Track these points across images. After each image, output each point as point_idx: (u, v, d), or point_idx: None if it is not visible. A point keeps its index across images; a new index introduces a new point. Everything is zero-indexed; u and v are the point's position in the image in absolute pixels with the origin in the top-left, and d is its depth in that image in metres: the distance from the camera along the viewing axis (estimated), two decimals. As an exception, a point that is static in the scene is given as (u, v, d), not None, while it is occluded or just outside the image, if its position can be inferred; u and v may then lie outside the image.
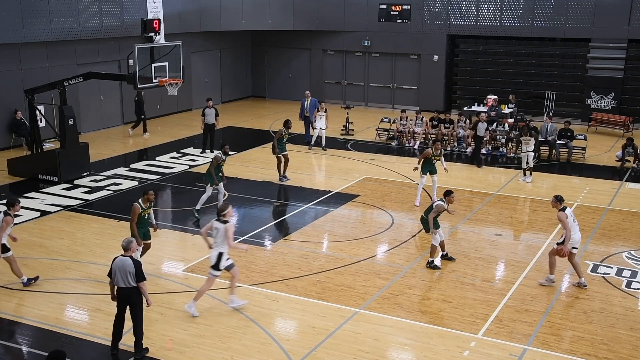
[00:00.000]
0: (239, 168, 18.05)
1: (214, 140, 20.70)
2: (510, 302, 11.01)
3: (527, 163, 18.00)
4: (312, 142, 21.22)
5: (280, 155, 17.55)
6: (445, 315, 10.56)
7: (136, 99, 22.75)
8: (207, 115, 20.40)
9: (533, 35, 26.35)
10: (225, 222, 10.18)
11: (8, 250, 11.06)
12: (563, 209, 11.46)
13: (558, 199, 11.65)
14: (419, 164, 15.84)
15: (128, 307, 9.11)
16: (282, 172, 17.73)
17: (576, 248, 11.55)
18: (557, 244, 11.51)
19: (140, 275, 8.96)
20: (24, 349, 9.50)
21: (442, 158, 15.91)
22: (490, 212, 15.71)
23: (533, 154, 18.13)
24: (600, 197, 16.79)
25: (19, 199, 11.60)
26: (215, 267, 10.25)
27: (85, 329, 10.00)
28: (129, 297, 9.01)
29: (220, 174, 14.61)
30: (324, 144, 21.12)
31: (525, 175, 18.12)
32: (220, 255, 10.21)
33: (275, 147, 17.40)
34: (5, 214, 10.97)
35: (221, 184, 14.69)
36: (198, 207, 14.77)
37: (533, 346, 9.67)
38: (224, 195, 15.21)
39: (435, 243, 12.33)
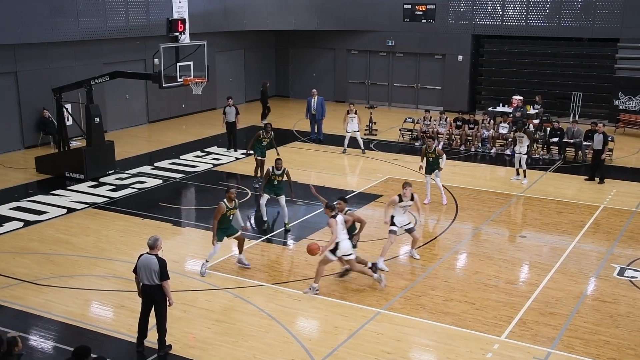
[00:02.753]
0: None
1: (236, 138, 20.84)
2: (534, 305, 10.91)
3: (520, 165, 17.68)
4: (345, 146, 20.92)
5: (259, 159, 16.94)
6: (468, 316, 10.49)
7: (261, 89, 24.30)
8: (228, 114, 20.54)
9: (560, 35, 26.04)
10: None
11: None
12: (334, 216, 10.97)
13: (328, 206, 11.13)
14: (421, 161, 15.85)
15: (152, 305, 9.20)
16: (257, 175, 17.13)
17: (347, 255, 11.15)
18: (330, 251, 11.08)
19: (164, 274, 9.04)
20: (51, 344, 9.64)
21: (444, 156, 15.64)
22: (515, 214, 15.57)
23: (526, 157, 17.76)
24: (628, 199, 16.54)
25: None
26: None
27: (110, 325, 10.12)
28: (153, 294, 9.10)
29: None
30: (362, 146, 20.77)
31: (518, 174, 17.91)
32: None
33: (251, 146, 16.97)
34: None
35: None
36: (286, 220, 14.23)
37: (557, 349, 9.57)
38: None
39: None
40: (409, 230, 12.51)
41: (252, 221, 14.88)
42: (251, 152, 17.11)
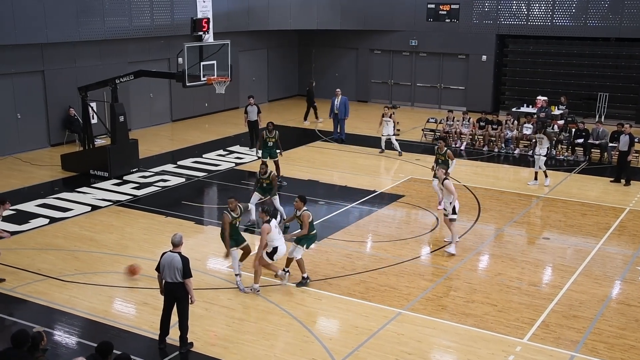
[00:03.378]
0: (284, 167, 18.13)
1: (258, 137, 20.87)
2: (557, 308, 10.79)
3: (540, 167, 17.24)
4: (383, 147, 20.83)
5: (263, 160, 16.46)
6: (490, 318, 10.41)
7: (307, 89, 24.17)
8: (250, 113, 20.61)
9: (586, 35, 25.71)
10: None
11: None
12: (268, 221, 10.79)
13: (264, 211, 10.89)
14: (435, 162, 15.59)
15: (175, 302, 9.27)
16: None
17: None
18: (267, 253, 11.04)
19: (187, 272, 9.10)
20: (75, 339, 9.76)
21: (454, 161, 15.28)
22: (538, 215, 15.42)
23: (544, 158, 17.24)
24: (654, 202, 16.30)
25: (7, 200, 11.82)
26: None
27: (132, 321, 10.21)
28: (176, 291, 9.17)
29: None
30: (398, 148, 20.48)
31: (536, 179, 17.41)
32: None
33: (260, 147, 17.06)
34: None
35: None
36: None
37: (581, 353, 9.46)
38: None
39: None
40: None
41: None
42: (259, 154, 17.12)
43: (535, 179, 17.51)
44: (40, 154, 20.17)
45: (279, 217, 14.32)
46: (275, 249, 11.03)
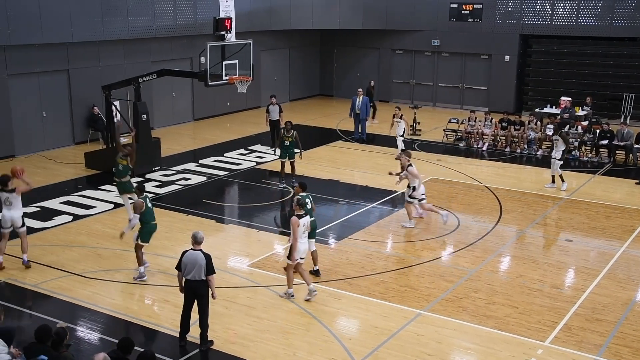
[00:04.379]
0: (305, 166, 18.17)
1: (279, 136, 20.91)
2: (580, 311, 10.66)
3: (555, 171, 16.90)
4: (401, 147, 20.81)
5: (282, 160, 16.89)
6: (511, 320, 10.33)
7: (367, 88, 24.58)
8: (271, 112, 20.66)
9: (612, 35, 25.37)
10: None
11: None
12: (299, 216, 10.54)
13: (299, 203, 10.64)
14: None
15: (195, 300, 9.32)
16: (282, 177, 17.06)
17: (302, 258, 10.80)
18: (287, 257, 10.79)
19: (210, 269, 9.13)
20: (97, 335, 9.87)
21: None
22: (561, 217, 15.25)
23: (560, 162, 16.85)
24: (680, 204, 16.04)
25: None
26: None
27: (153, 318, 10.30)
28: (197, 289, 9.21)
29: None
30: (399, 150, 20.42)
31: (553, 182, 17.16)
32: None
33: (279, 146, 17.07)
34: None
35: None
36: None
37: (604, 357, 9.33)
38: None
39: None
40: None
41: None
42: (278, 153, 17.15)
43: (553, 182, 17.29)
44: (64, 151, 20.43)
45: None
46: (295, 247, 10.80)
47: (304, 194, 11.53)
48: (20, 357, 7.45)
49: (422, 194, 14.29)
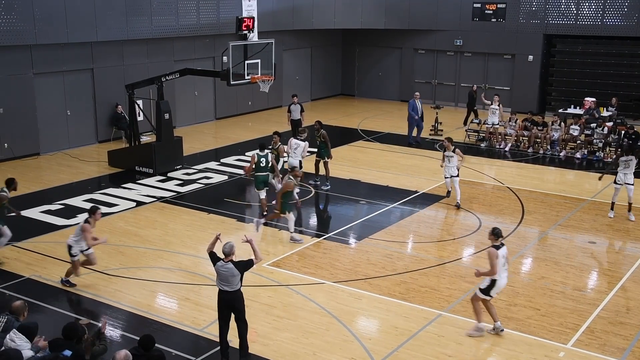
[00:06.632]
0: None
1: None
2: (603, 314, 10.54)
3: (629, 198, 14.93)
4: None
5: (317, 158, 16.96)
6: (532, 322, 10.24)
7: (469, 93, 24.56)
8: (293, 112, 20.70)
9: (638, 35, 25.01)
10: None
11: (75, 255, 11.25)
12: (497, 247, 9.63)
13: (494, 233, 9.72)
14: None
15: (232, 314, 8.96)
16: (317, 175, 17.12)
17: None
18: (480, 289, 9.74)
19: (248, 265, 8.96)
20: (119, 332, 9.97)
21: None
22: (584, 219, 15.08)
23: (632, 187, 14.78)
24: None
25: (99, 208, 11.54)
26: None
27: (174, 316, 10.37)
28: (233, 301, 8.84)
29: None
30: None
31: (612, 209, 15.28)
32: None
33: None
34: (86, 221, 11.14)
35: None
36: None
37: (627, 361, 9.23)
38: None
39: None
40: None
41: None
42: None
43: (612, 208, 15.17)
44: (88, 150, 20.66)
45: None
46: (493, 282, 9.62)
47: (262, 152, 12.63)
48: (45, 350, 7.57)
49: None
